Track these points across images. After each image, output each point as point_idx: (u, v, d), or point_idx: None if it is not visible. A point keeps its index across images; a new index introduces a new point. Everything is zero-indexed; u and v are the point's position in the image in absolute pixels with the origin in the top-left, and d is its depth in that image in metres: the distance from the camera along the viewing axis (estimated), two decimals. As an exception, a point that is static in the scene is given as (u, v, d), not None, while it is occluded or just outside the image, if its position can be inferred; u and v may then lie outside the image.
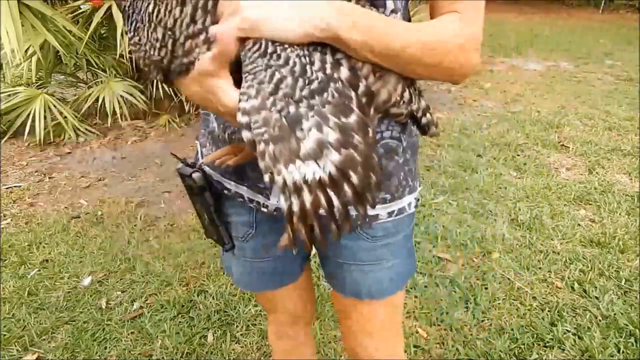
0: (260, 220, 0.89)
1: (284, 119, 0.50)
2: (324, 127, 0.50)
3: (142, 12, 0.56)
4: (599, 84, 5.39)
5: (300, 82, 0.51)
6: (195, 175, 0.84)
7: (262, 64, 0.52)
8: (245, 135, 0.50)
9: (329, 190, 0.49)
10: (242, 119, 0.51)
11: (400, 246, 0.90)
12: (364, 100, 0.55)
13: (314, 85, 0.51)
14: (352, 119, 0.51)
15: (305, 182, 0.48)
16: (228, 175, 0.85)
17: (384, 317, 0.96)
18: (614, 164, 3.21)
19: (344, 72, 0.54)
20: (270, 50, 0.52)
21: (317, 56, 0.54)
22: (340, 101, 0.52)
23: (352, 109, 0.52)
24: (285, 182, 0.49)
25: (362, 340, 0.98)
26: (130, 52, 3.37)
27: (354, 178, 0.50)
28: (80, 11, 3.42)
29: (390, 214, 0.84)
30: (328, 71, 0.53)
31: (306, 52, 0.53)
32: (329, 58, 0.55)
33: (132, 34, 0.58)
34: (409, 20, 0.72)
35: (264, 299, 1.09)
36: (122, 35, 3.20)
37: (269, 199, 0.82)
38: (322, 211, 0.49)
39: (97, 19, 3.23)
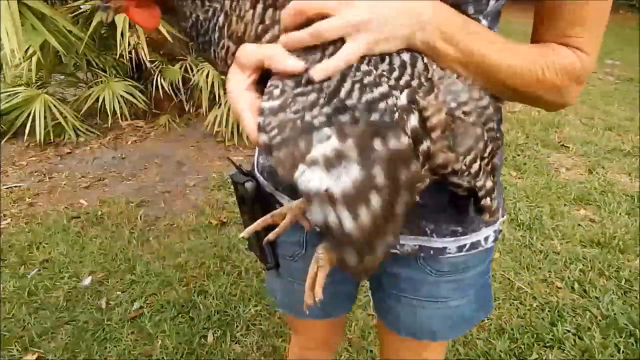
0: (310, 242, 0.83)
1: (299, 122, 0.45)
2: (348, 139, 0.44)
3: (209, 32, 0.56)
4: (599, 84, 5.39)
5: (336, 100, 0.46)
6: (248, 184, 0.79)
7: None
8: (261, 138, 0.46)
9: (338, 206, 0.43)
10: (259, 119, 0.47)
11: (470, 284, 0.80)
12: (420, 158, 0.50)
13: (351, 101, 0.46)
14: (397, 144, 0.46)
15: (313, 191, 0.43)
16: (281, 189, 0.79)
17: (436, 356, 0.90)
18: (614, 164, 3.21)
19: (413, 121, 0.49)
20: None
21: (381, 89, 0.48)
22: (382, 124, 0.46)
23: (399, 135, 0.46)
24: (306, 186, 0.43)
25: None
26: (130, 52, 3.37)
27: (375, 203, 0.44)
28: (80, 11, 3.41)
29: (460, 248, 0.74)
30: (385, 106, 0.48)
31: (368, 80, 0.48)
32: (401, 100, 0.49)
33: (201, 53, 0.59)
34: None
35: (297, 323, 1.03)
36: (122, 35, 3.19)
37: None
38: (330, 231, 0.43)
39: (97, 18, 3.23)
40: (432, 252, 0.74)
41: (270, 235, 0.71)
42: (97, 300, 1.96)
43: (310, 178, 0.43)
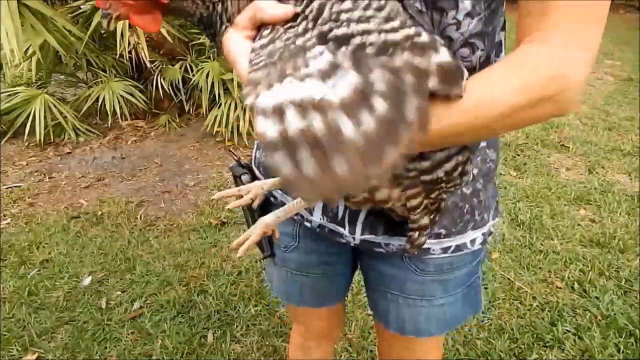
0: (303, 235, 0.87)
1: (291, 46, 0.43)
2: (340, 51, 0.42)
3: (213, 24, 0.58)
4: (599, 84, 5.38)
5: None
6: (244, 177, 0.85)
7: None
8: (250, 76, 0.44)
9: (336, 113, 0.37)
10: (250, 56, 0.46)
11: (456, 284, 0.81)
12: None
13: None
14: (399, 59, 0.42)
15: (297, 103, 0.38)
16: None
17: (428, 353, 0.91)
18: (614, 164, 3.21)
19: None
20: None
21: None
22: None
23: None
24: (263, 105, 0.39)
25: None
26: (130, 52, 3.36)
27: (380, 107, 0.37)
28: (80, 11, 3.41)
29: (444, 250, 0.75)
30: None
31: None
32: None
33: (212, 42, 0.62)
34: (505, 24, 0.61)
35: (297, 311, 1.06)
36: (122, 35, 3.19)
37: (312, 215, 0.80)
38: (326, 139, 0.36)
39: (97, 18, 3.23)
40: (415, 252, 0.75)
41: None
42: (97, 300, 1.96)
43: (294, 88, 0.39)
